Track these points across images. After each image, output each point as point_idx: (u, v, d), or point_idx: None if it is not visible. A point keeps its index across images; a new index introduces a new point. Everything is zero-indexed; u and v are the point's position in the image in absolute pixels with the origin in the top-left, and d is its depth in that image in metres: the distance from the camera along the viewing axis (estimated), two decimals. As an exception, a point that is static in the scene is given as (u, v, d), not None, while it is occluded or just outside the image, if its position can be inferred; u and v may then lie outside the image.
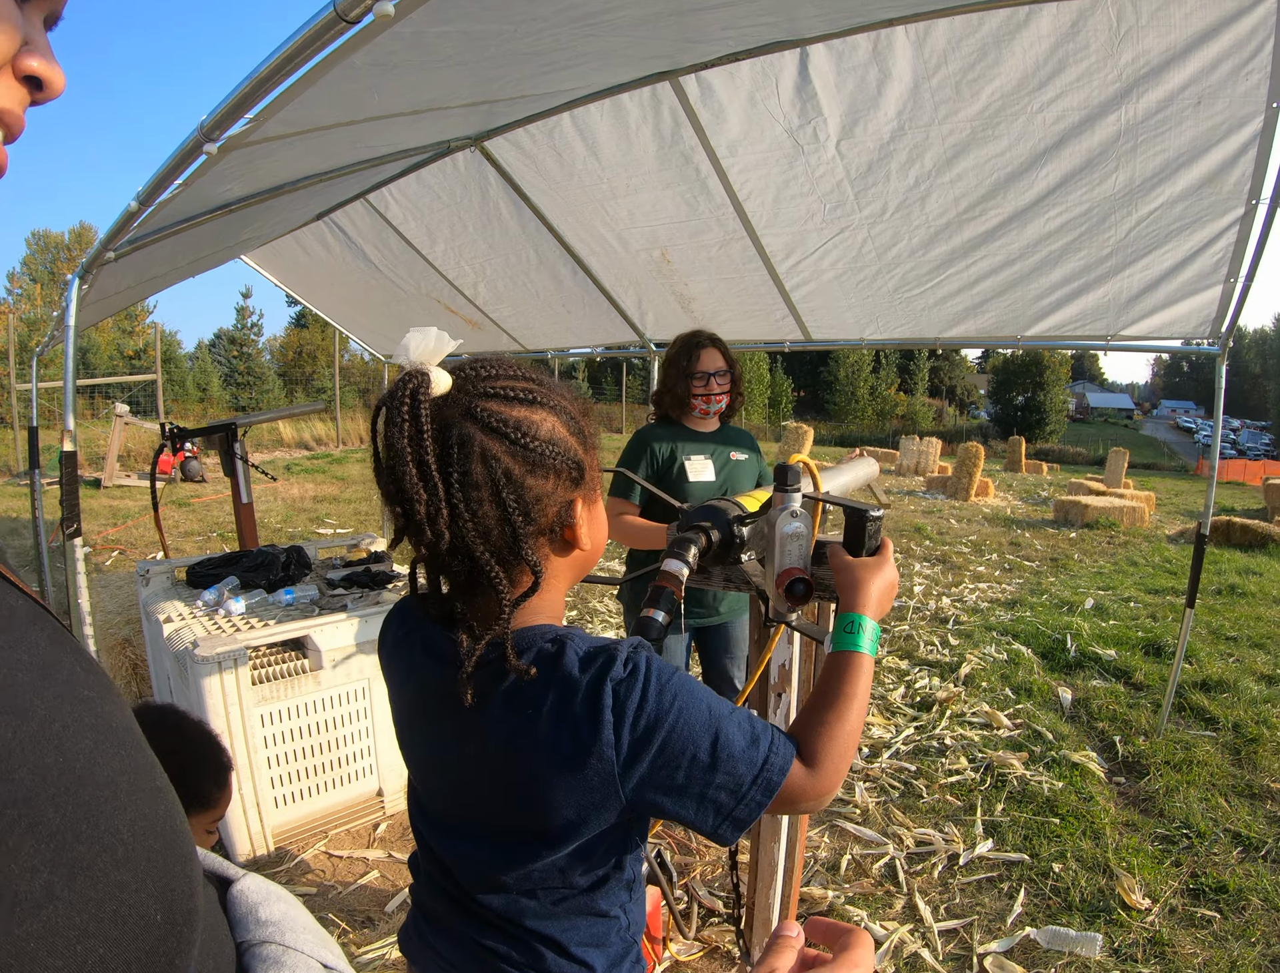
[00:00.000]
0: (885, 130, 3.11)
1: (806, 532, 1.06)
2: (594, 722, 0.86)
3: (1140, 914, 2.96)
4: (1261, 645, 6.19)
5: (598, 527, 1.03)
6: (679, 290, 4.73)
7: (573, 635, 0.94)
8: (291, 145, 2.62)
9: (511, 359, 0.98)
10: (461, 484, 0.86)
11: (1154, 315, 3.73)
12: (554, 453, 0.91)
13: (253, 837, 3.04)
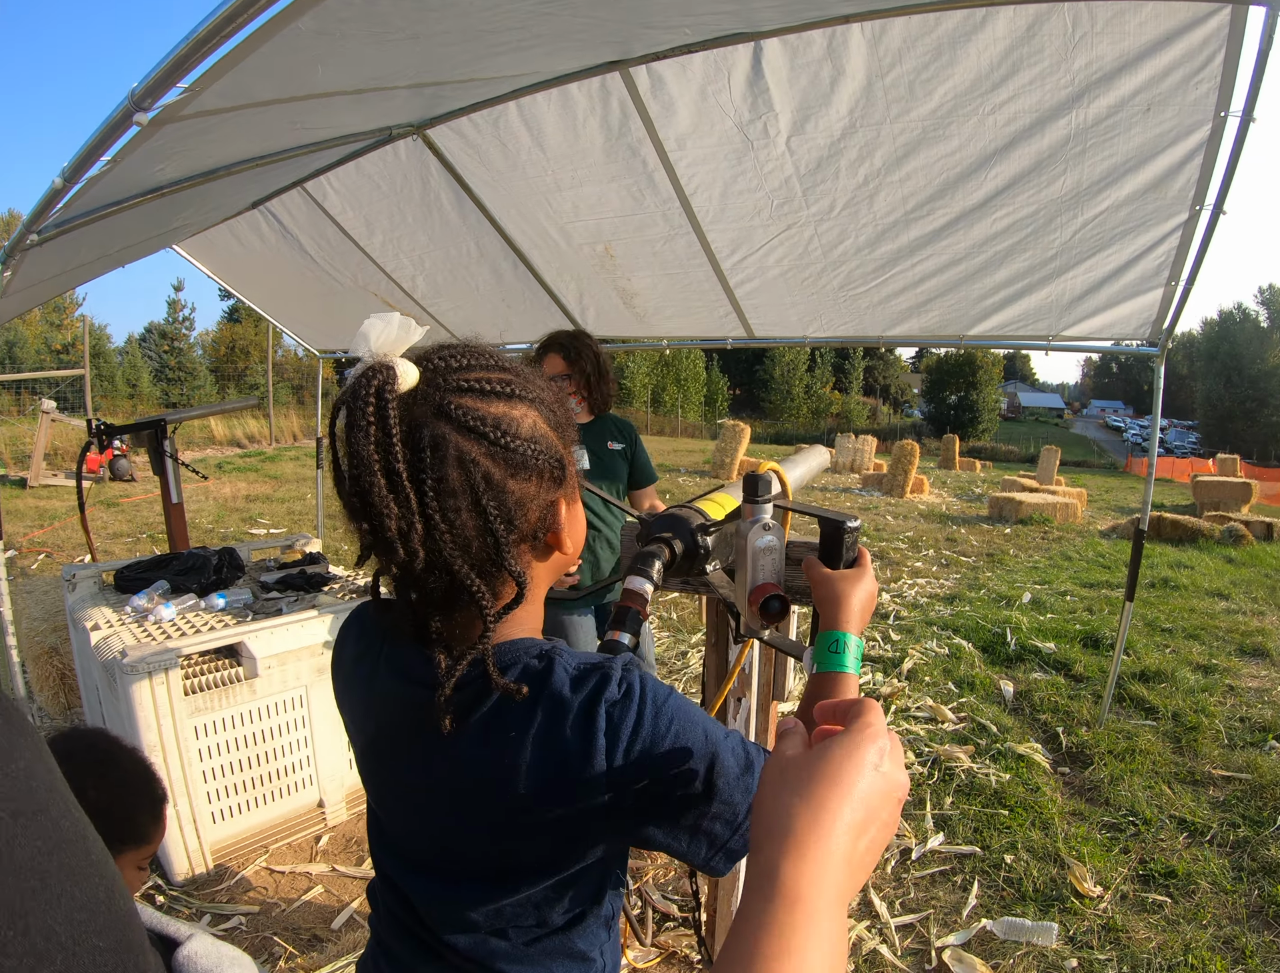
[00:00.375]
0: (836, 127, 3.09)
1: (779, 545, 1.00)
2: (586, 747, 0.79)
3: (1093, 902, 3.01)
4: (1196, 636, 6.39)
5: (578, 527, 0.96)
6: (621, 285, 4.67)
7: (560, 651, 0.87)
8: (228, 122, 2.50)
9: (480, 346, 0.89)
10: (437, 493, 0.77)
11: (1095, 317, 3.78)
12: (536, 452, 0.83)
13: (190, 855, 2.91)
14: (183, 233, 4.85)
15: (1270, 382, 55.99)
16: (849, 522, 0.97)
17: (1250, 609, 7.44)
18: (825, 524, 0.99)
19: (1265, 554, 10.43)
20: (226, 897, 2.87)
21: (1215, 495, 16.16)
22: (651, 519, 1.18)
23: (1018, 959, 2.71)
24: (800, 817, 0.55)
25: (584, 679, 0.83)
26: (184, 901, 2.80)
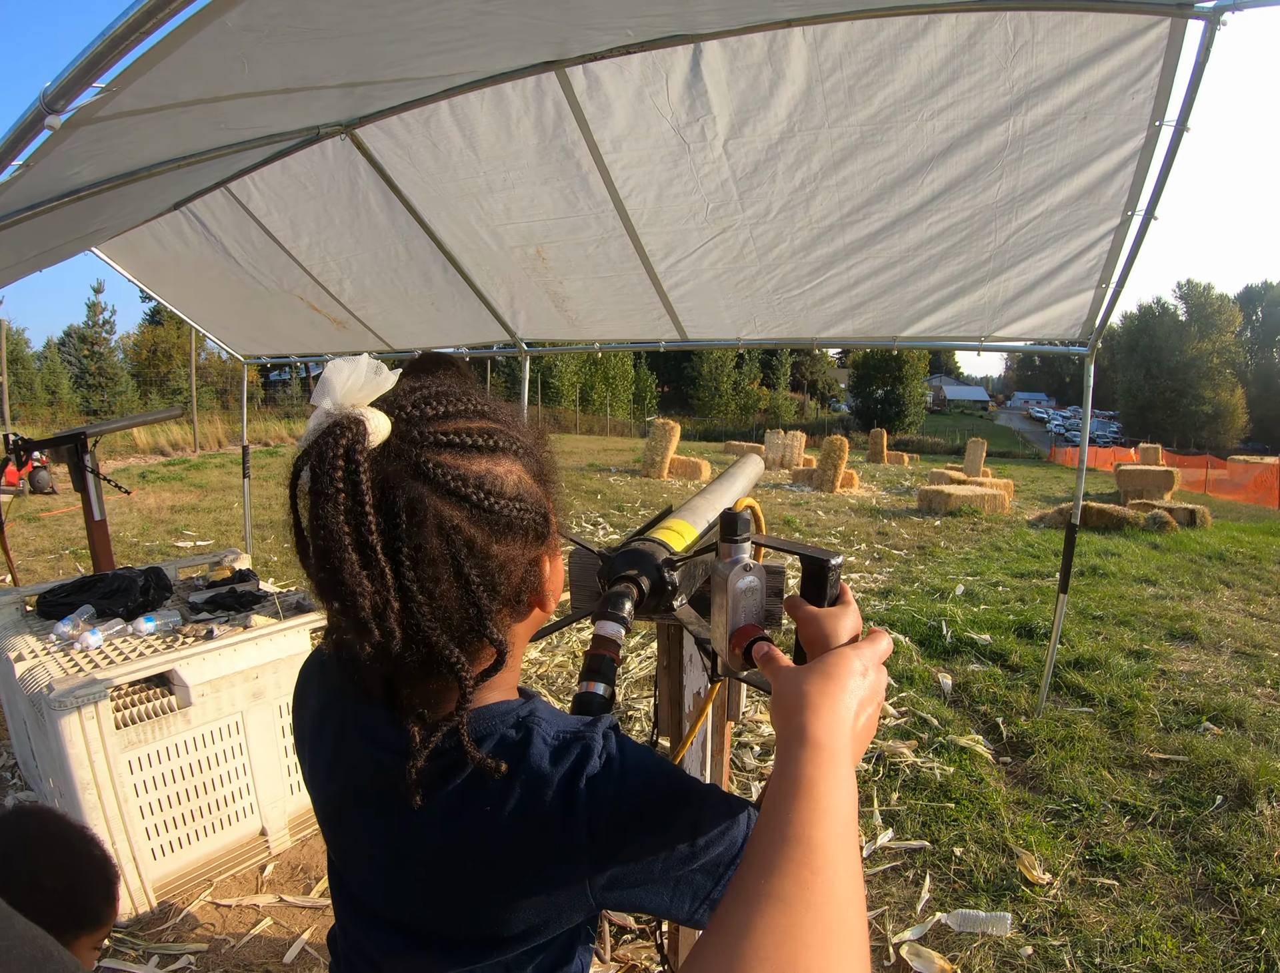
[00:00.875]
0: (774, 131, 3.09)
1: (760, 585, 0.95)
2: (567, 822, 0.74)
3: (1043, 889, 3.07)
4: (1127, 623, 6.59)
5: (558, 579, 0.90)
6: (553, 289, 4.62)
7: (538, 718, 0.82)
8: (148, 123, 2.39)
9: (455, 385, 0.80)
10: (415, 563, 0.70)
11: (1028, 318, 3.86)
12: (522, 510, 0.77)
13: (132, 894, 2.78)
14: (102, 235, 4.69)
15: (1189, 373, 58.43)
16: (833, 559, 0.92)
17: (1177, 594, 7.71)
18: (808, 563, 0.94)
19: (1189, 540, 10.82)
20: (173, 936, 2.76)
21: (1138, 484, 16.72)
22: (614, 555, 1.12)
23: (974, 951, 2.75)
24: (813, 695, 0.72)
25: (565, 751, 0.78)
26: (129, 942, 2.69)
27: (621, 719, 4.50)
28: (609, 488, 15.75)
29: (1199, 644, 6.10)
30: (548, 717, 0.83)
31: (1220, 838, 3.37)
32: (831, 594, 0.93)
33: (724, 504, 1.42)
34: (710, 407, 57.23)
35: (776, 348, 6.35)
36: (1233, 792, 3.74)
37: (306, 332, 6.04)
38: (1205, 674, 5.37)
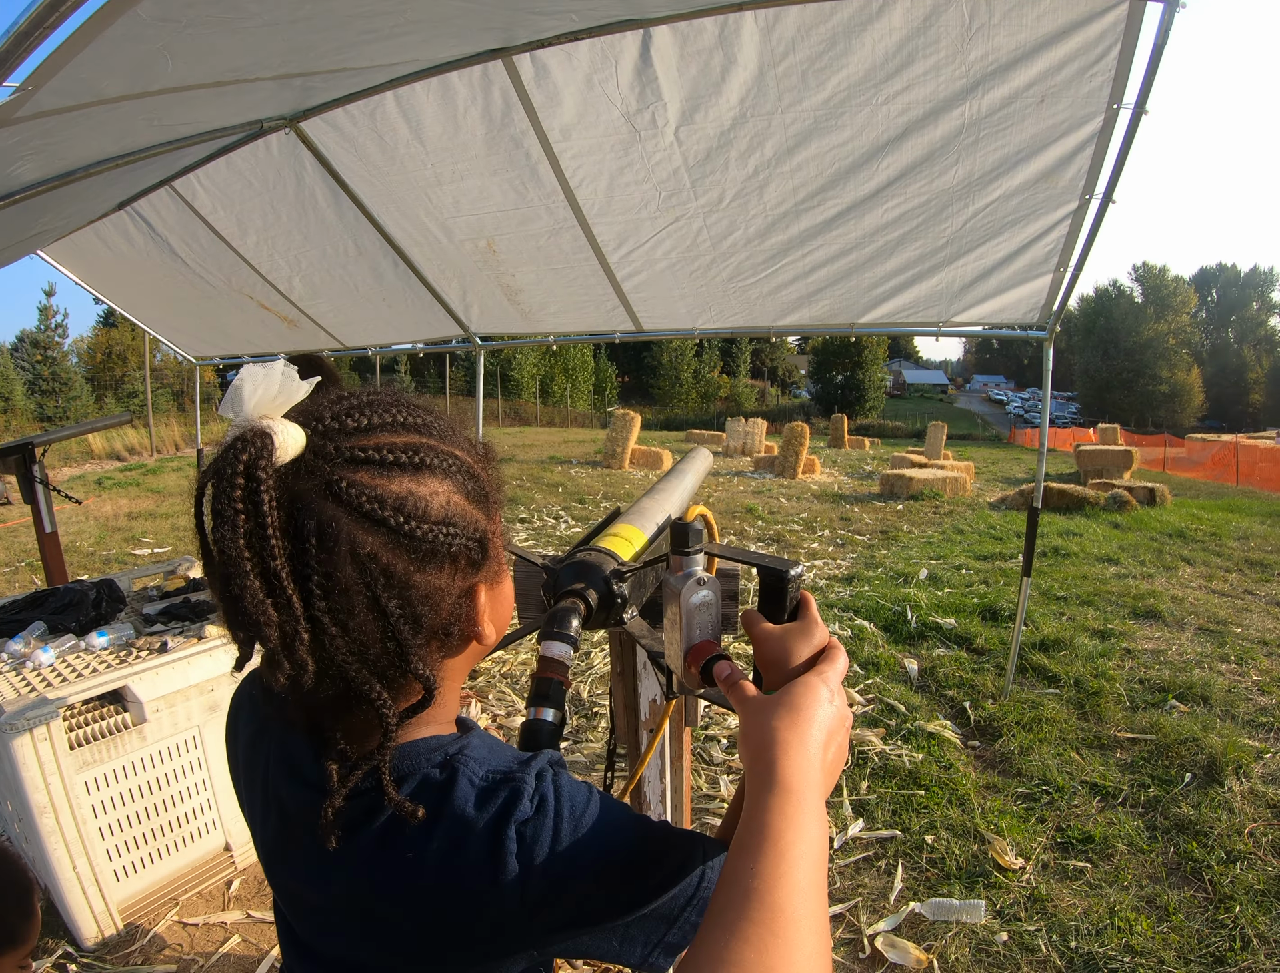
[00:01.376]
0: (726, 117, 3.04)
1: (715, 599, 0.88)
2: (494, 872, 0.68)
3: (1016, 874, 3.06)
4: (1090, 603, 6.64)
5: (502, 609, 0.82)
6: (505, 282, 4.55)
7: (466, 757, 0.75)
8: (77, 123, 2.29)
9: (388, 395, 0.74)
10: (326, 593, 0.63)
11: (986, 302, 3.86)
12: (450, 536, 0.69)
13: (97, 917, 2.70)
14: (46, 238, 4.57)
15: (1145, 354, 59.53)
16: (791, 569, 0.86)
17: (1140, 573, 7.80)
18: (765, 574, 0.88)
19: (1150, 518, 10.97)
20: (140, 958, 2.67)
21: (1098, 463, 16.97)
22: (559, 568, 1.05)
23: (949, 940, 2.73)
24: (782, 732, 0.70)
25: (491, 796, 0.71)
26: (97, 967, 2.60)
27: (585, 716, 4.45)
28: (570, 481, 15.69)
29: (1162, 622, 6.16)
30: (479, 755, 0.76)
31: (1191, 816, 3.38)
32: (791, 607, 0.86)
33: (674, 504, 1.36)
34: (671, 396, 57.44)
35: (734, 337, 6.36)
36: (1201, 769, 3.76)
37: (258, 331, 5.93)
38: (1170, 652, 5.42)
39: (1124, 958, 2.63)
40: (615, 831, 0.74)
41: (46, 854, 2.54)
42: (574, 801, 0.73)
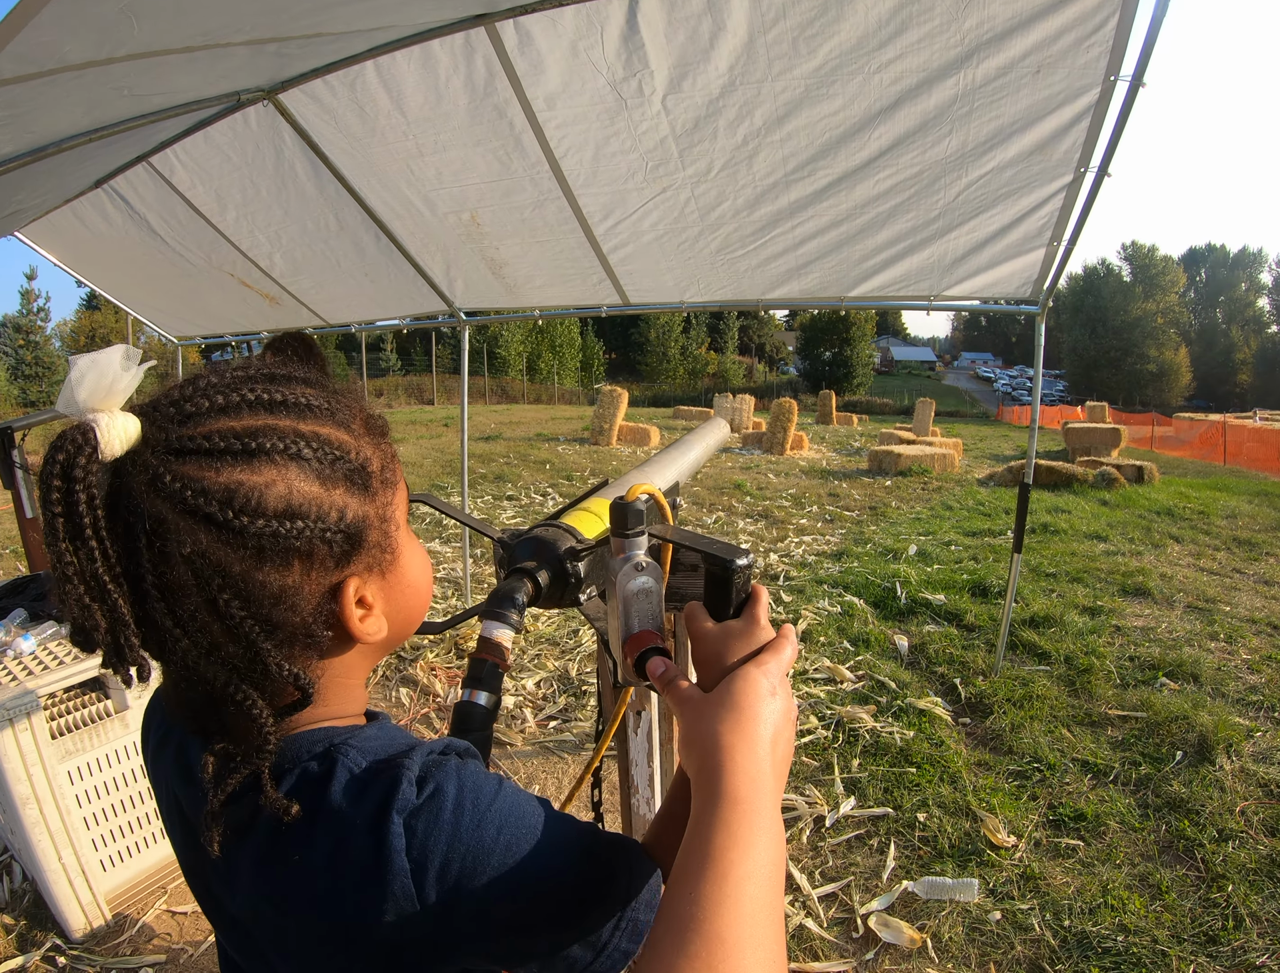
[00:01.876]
0: (715, 85, 2.97)
1: (657, 587, 0.80)
2: (380, 874, 0.60)
3: (1008, 852, 3.06)
4: (1079, 579, 6.63)
5: (401, 597, 0.75)
6: (490, 255, 4.47)
7: (349, 746, 0.68)
8: (42, 93, 2.20)
9: (243, 372, 0.67)
10: (161, 593, 0.59)
11: (978, 276, 3.80)
12: (291, 531, 0.61)
13: (85, 908, 2.66)
14: (21, 218, 4.48)
15: (1133, 332, 59.75)
16: (738, 558, 0.76)
17: (1129, 550, 7.80)
18: (709, 562, 0.79)
19: (1138, 496, 10.99)
20: (130, 949, 2.64)
21: (1086, 441, 17.00)
22: (514, 542, 0.99)
23: (943, 918, 2.72)
24: (726, 735, 0.64)
25: (366, 785, 0.64)
26: (86, 959, 2.57)
27: (574, 694, 4.41)
28: (557, 457, 15.63)
29: (1152, 600, 6.15)
30: (367, 744, 0.69)
31: (1182, 794, 3.38)
32: (738, 600, 0.78)
33: (666, 479, 1.30)
34: (658, 372, 57.41)
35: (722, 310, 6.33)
36: (1192, 747, 3.76)
37: (239, 309, 5.82)
38: (1159, 630, 5.42)
39: (1117, 937, 2.62)
40: (527, 832, 0.66)
41: (31, 846, 2.50)
42: (478, 793, 0.65)
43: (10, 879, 2.88)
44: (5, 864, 2.94)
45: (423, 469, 13.62)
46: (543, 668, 4.79)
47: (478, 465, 13.87)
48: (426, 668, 4.72)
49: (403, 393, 38.45)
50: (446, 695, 4.37)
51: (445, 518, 8.95)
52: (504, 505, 10.24)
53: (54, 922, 2.67)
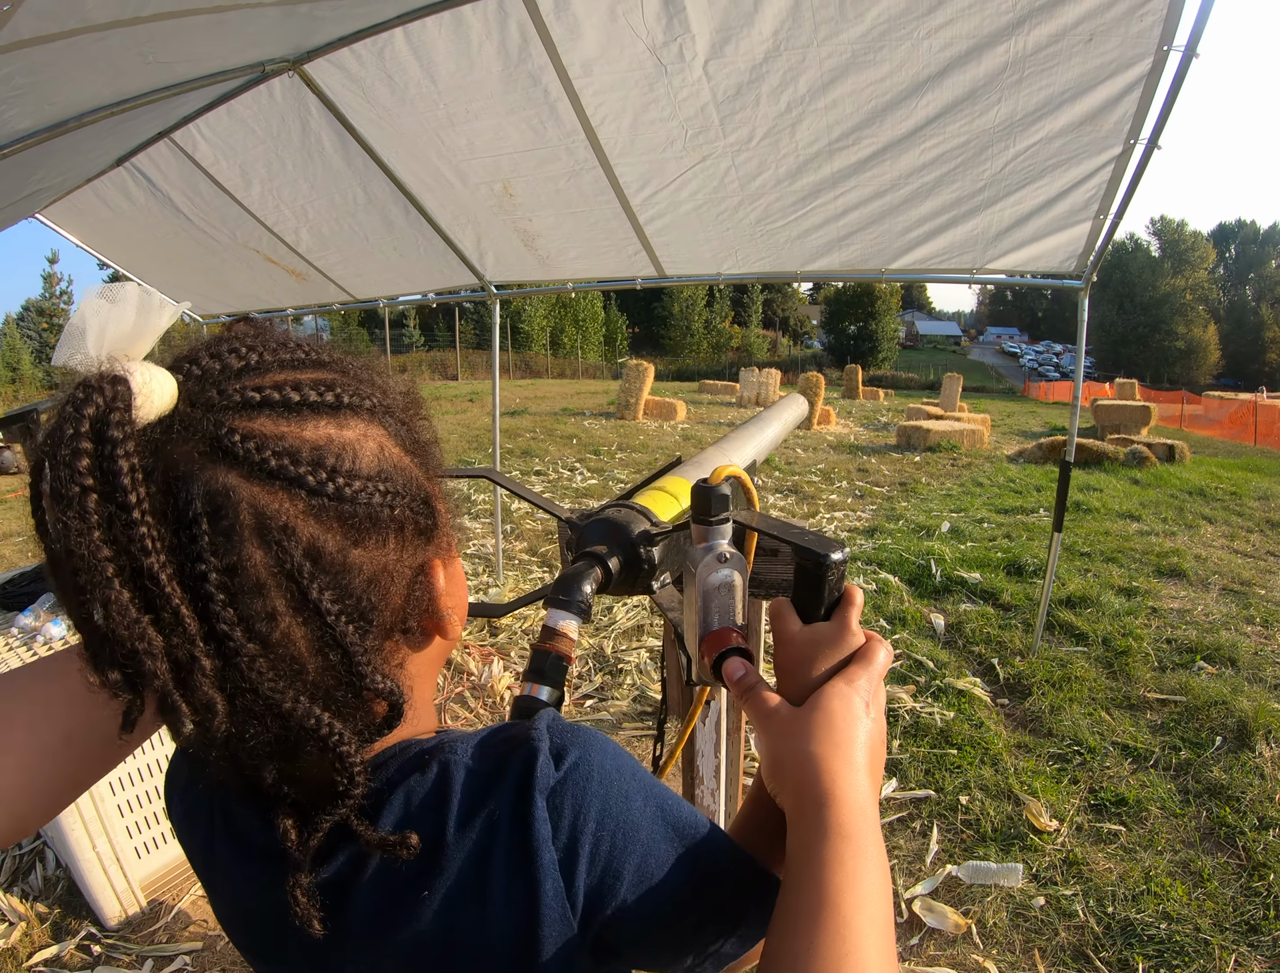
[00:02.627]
0: (759, 50, 2.88)
1: (740, 581, 0.72)
2: (529, 878, 0.52)
3: (1051, 836, 3.01)
4: (1114, 559, 6.52)
5: (460, 591, 0.65)
6: (522, 227, 4.40)
7: (447, 744, 0.59)
8: (63, 56, 2.14)
9: (280, 330, 0.57)
10: (230, 594, 0.46)
11: (1021, 249, 3.71)
12: (390, 493, 0.52)
13: (120, 895, 2.65)
14: (41, 198, 4.44)
15: (1161, 308, 58.93)
16: (832, 553, 0.67)
17: (1162, 530, 7.66)
18: (799, 555, 0.70)
19: (1169, 475, 10.79)
20: (166, 936, 2.63)
21: (1115, 418, 16.74)
22: (584, 523, 0.92)
23: (987, 904, 2.68)
24: (827, 760, 0.58)
25: (497, 774, 0.56)
26: (122, 947, 2.56)
27: (610, 673, 4.38)
28: (584, 432, 15.59)
29: (1187, 581, 6.04)
30: (463, 739, 0.60)
31: (1222, 781, 3.31)
32: (830, 600, 0.69)
33: (744, 457, 1.21)
34: (682, 346, 57.24)
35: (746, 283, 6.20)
36: (1231, 733, 3.69)
37: (265, 286, 5.79)
38: (1195, 612, 5.31)
39: (1160, 925, 2.58)
40: (665, 802, 0.59)
41: (65, 835, 2.49)
42: (619, 758, 0.58)
43: (44, 867, 2.87)
44: (38, 852, 2.94)
45: (449, 445, 13.61)
46: (578, 646, 4.73)
47: (504, 440, 13.83)
48: (460, 646, 4.70)
49: (426, 369, 38.53)
50: (481, 674, 4.34)
51: (472, 492, 8.93)
52: (532, 480, 10.23)
53: (88, 910, 2.67)
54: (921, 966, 2.45)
